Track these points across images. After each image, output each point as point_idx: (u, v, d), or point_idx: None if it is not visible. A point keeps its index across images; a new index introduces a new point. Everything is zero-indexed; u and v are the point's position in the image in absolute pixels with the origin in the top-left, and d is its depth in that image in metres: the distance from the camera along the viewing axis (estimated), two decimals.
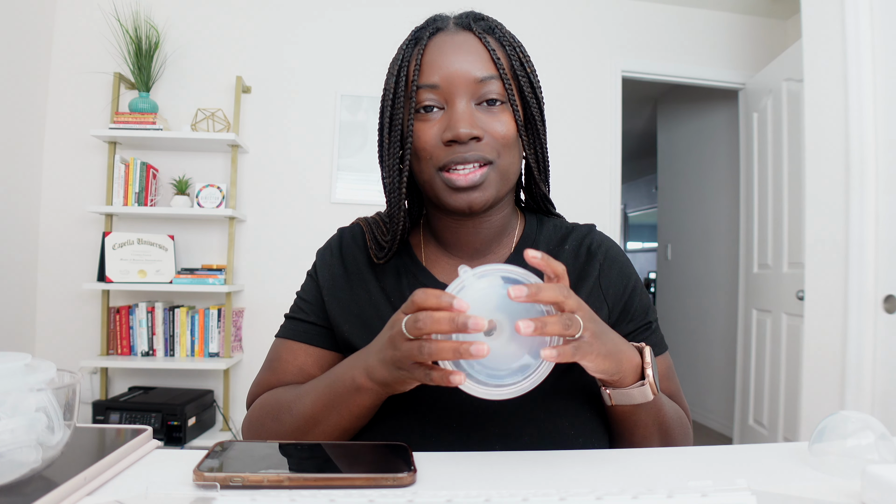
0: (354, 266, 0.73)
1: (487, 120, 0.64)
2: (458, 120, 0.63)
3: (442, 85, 0.64)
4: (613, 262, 0.73)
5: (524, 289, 0.48)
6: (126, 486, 0.46)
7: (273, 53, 2.84)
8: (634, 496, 0.39)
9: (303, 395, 0.63)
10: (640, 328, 0.72)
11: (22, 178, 2.57)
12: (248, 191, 2.81)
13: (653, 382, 0.58)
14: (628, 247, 8.30)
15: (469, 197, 0.64)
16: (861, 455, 0.50)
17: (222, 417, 2.64)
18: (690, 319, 4.03)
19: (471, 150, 0.63)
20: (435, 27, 0.68)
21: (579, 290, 0.71)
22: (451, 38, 0.66)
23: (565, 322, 0.49)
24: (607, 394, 0.60)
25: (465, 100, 0.64)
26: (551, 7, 3.08)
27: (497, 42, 0.67)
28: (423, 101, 0.65)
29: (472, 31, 0.67)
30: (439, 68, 0.65)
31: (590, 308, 0.55)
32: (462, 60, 0.64)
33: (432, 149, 0.65)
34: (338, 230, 0.78)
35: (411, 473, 0.46)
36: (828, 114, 1.90)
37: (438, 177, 0.65)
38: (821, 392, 1.94)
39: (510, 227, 0.74)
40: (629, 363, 0.57)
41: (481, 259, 0.73)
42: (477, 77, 0.64)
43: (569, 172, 3.00)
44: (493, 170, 0.65)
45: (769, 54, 3.19)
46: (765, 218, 2.98)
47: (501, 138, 0.65)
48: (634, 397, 0.59)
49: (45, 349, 2.66)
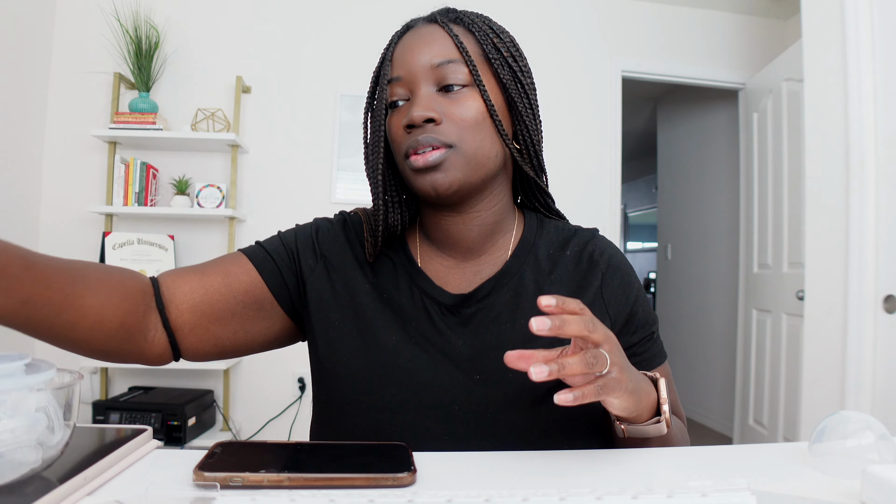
0: (358, 250, 0.73)
1: (447, 104, 0.64)
2: (414, 105, 0.63)
3: (404, 76, 0.65)
4: (616, 270, 0.70)
5: (547, 321, 0.45)
6: (126, 486, 0.46)
7: (273, 53, 2.84)
8: (634, 496, 0.39)
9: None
10: (643, 339, 0.70)
11: (22, 178, 2.57)
12: (248, 191, 2.81)
13: (668, 418, 0.56)
14: (628, 247, 8.30)
15: (432, 178, 0.63)
16: (861, 455, 0.50)
17: (222, 417, 2.64)
18: (690, 319, 4.03)
19: (426, 132, 0.63)
20: (406, 27, 0.70)
21: (580, 299, 0.69)
22: (416, 32, 0.68)
23: (589, 361, 0.46)
24: (622, 428, 0.58)
25: (425, 87, 0.65)
26: (551, 7, 3.08)
27: (464, 29, 0.67)
28: (392, 96, 0.66)
29: (437, 21, 0.68)
30: (402, 61, 0.66)
31: (616, 338, 0.51)
32: (421, 50, 0.65)
33: (399, 138, 0.65)
34: (340, 212, 0.78)
35: (411, 473, 0.46)
36: (828, 114, 1.90)
37: (406, 164, 0.65)
38: (821, 392, 1.94)
39: (506, 227, 0.71)
40: (647, 399, 0.55)
41: (475, 259, 0.70)
42: (433, 63, 0.64)
43: (569, 172, 3.00)
44: (456, 153, 0.63)
45: (769, 54, 3.19)
46: (765, 218, 2.98)
47: (461, 121, 0.63)
48: (649, 433, 0.57)
49: (45, 349, 2.66)
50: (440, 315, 0.67)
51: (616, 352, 0.49)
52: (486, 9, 0.78)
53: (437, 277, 0.70)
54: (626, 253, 8.21)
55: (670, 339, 4.25)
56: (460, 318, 0.67)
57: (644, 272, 7.62)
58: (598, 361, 0.46)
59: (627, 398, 0.50)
